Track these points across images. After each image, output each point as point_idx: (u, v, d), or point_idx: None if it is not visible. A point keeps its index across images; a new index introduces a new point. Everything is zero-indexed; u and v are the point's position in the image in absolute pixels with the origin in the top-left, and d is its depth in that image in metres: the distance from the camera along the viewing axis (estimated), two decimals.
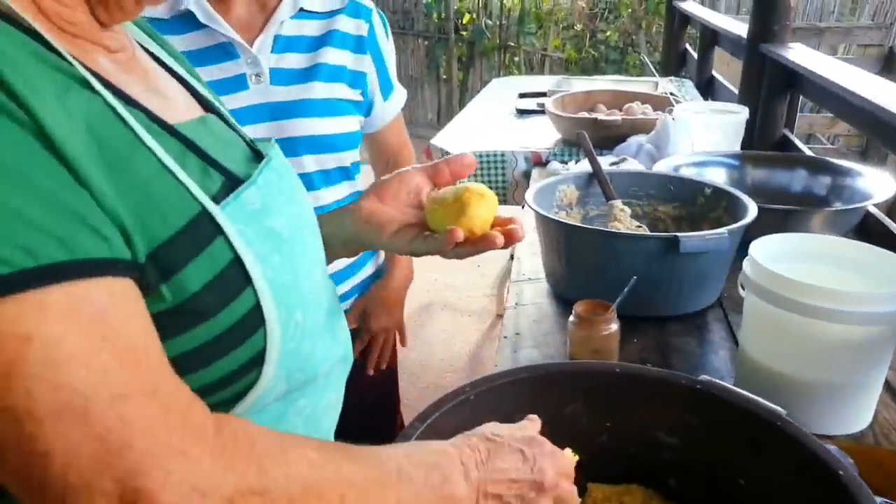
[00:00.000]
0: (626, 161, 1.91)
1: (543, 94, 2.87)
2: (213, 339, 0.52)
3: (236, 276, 0.53)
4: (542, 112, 2.46)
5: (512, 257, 1.67)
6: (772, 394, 0.81)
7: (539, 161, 2.27)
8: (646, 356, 1.16)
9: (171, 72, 0.66)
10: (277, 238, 0.58)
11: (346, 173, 1.26)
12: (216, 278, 0.52)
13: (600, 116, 2.15)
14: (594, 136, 2.10)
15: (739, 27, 2.72)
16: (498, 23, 6.76)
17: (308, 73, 1.15)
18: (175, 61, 0.68)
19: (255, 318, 0.54)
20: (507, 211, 1.32)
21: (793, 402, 0.87)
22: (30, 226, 0.40)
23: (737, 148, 1.92)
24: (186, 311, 0.50)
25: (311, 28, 1.18)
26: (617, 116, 2.14)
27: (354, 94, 1.21)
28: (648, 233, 1.37)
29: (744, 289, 0.99)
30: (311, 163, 1.17)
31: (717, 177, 1.66)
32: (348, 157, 1.22)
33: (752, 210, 1.26)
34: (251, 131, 1.10)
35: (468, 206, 0.69)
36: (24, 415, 0.38)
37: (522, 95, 3.03)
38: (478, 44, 6.78)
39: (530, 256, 1.54)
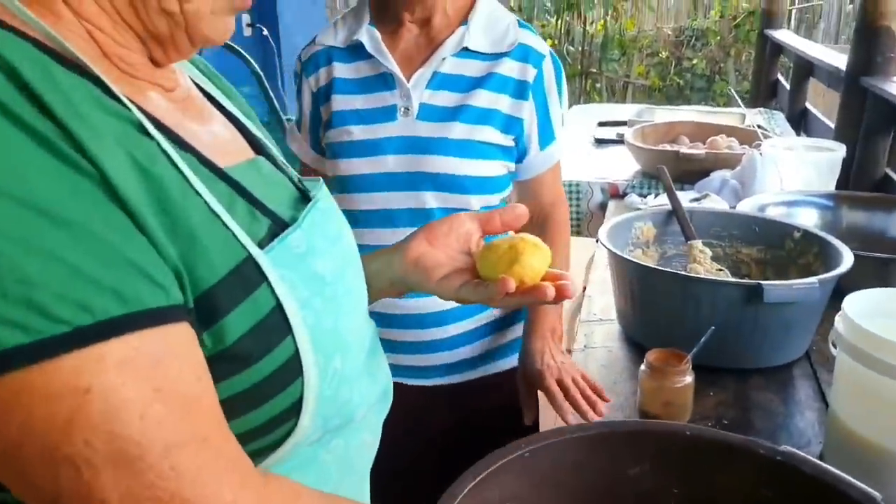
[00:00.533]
0: (708, 197, 1.82)
1: (623, 124, 2.80)
2: (252, 387, 0.51)
3: (277, 323, 0.52)
4: (622, 142, 2.39)
5: (584, 289, 1.60)
6: (866, 470, 0.73)
7: (616, 193, 2.20)
8: (722, 412, 1.08)
9: (223, 111, 0.66)
10: (321, 281, 0.57)
11: None
12: (257, 325, 0.51)
13: (682, 149, 2.06)
14: (675, 169, 2.02)
15: (837, 58, 2.57)
16: (580, 49, 6.70)
17: (453, 113, 1.14)
18: (229, 100, 0.67)
19: (293, 366, 0.53)
20: (580, 244, 1.28)
21: (891, 482, 0.78)
22: (87, 281, 0.41)
23: (831, 188, 1.80)
24: (225, 358, 0.49)
25: (472, 68, 1.16)
26: (700, 150, 2.05)
27: (505, 139, 1.17)
28: (729, 278, 1.28)
29: (835, 346, 0.91)
30: (432, 200, 1.15)
31: (808, 219, 1.55)
32: (477, 202, 1.17)
33: (847, 258, 1.16)
34: (391, 162, 1.15)
35: (522, 255, 0.67)
36: (83, 463, 0.40)
37: (602, 124, 2.96)
38: None
39: (602, 295, 1.48)
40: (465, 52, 1.15)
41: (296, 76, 1.27)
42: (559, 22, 6.51)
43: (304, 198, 0.65)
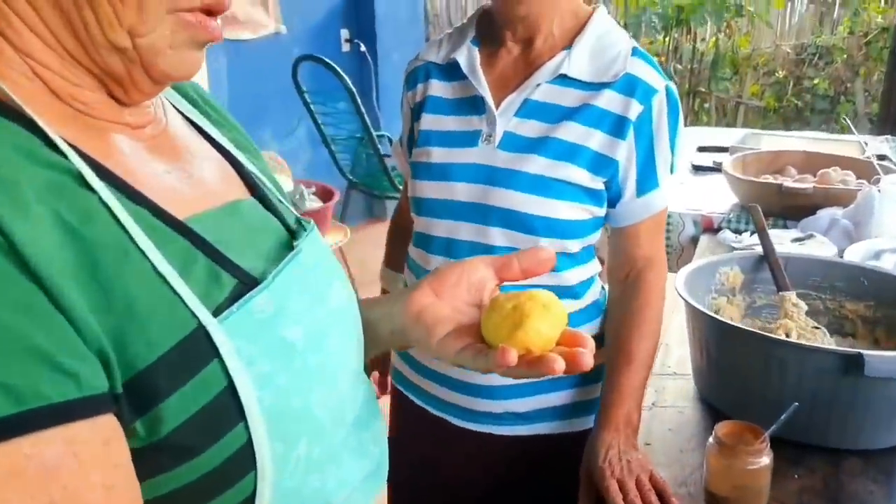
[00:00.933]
0: (813, 238, 1.62)
1: (725, 150, 2.59)
2: (195, 482, 0.45)
3: (227, 406, 0.45)
4: (720, 170, 2.20)
5: None
6: None
7: (710, 227, 2.01)
8: (808, 500, 0.92)
9: (214, 143, 0.59)
10: (289, 351, 0.50)
11: None
12: (203, 410, 0.44)
13: (786, 183, 1.86)
14: (777, 204, 1.83)
15: None
16: (689, 67, 6.39)
17: (535, 145, 1.04)
18: (223, 131, 0.61)
19: (245, 457, 0.45)
20: (668, 281, 1.13)
21: None
22: None
23: None
24: (162, 449, 0.44)
25: (568, 97, 1.05)
26: (807, 184, 1.84)
27: (592, 181, 1.05)
28: (822, 344, 1.10)
29: None
30: (499, 236, 1.06)
31: None
32: (548, 245, 1.06)
33: None
34: (465, 190, 1.07)
35: (527, 319, 0.55)
36: None
37: (702, 149, 2.76)
38: None
39: (680, 345, 1.32)
40: (563, 78, 1.05)
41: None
42: (667, 39, 6.24)
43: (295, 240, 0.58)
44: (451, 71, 1.12)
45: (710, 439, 0.90)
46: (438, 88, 1.13)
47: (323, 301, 0.56)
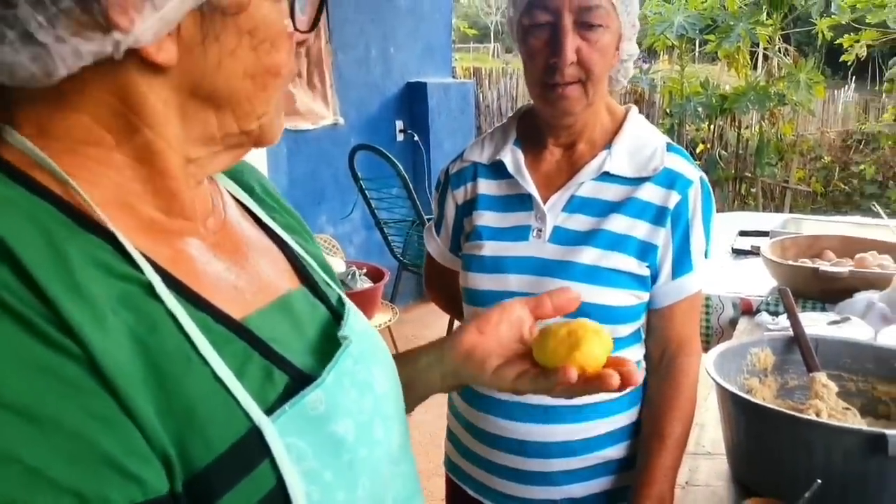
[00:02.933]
0: (849, 321, 1.65)
1: (766, 234, 2.64)
2: None
3: (277, 502, 0.48)
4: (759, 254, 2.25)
5: None
6: None
7: (749, 309, 2.05)
8: None
9: (266, 228, 0.66)
10: (338, 446, 0.53)
11: None
12: None
13: (822, 267, 1.90)
14: (815, 288, 1.87)
15: None
16: (735, 152, 6.48)
17: (585, 237, 1.12)
18: (275, 216, 0.68)
19: None
20: (704, 358, 1.17)
21: None
22: (45, 483, 0.38)
23: None
24: None
25: (612, 192, 1.14)
26: (843, 268, 1.88)
27: (639, 267, 1.13)
28: (844, 423, 1.14)
29: None
30: None
31: None
32: (615, 331, 1.14)
33: None
34: (514, 281, 1.14)
35: (582, 342, 0.63)
36: None
37: (743, 233, 2.81)
38: (711, 173, 6.54)
39: (716, 426, 1.36)
40: (606, 175, 1.13)
41: (438, 184, 1.31)
42: (711, 126, 6.36)
43: (338, 323, 0.63)
44: (497, 170, 1.19)
45: None
46: (487, 187, 1.20)
47: (370, 389, 0.60)
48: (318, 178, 4.14)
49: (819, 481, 0.91)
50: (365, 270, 3.14)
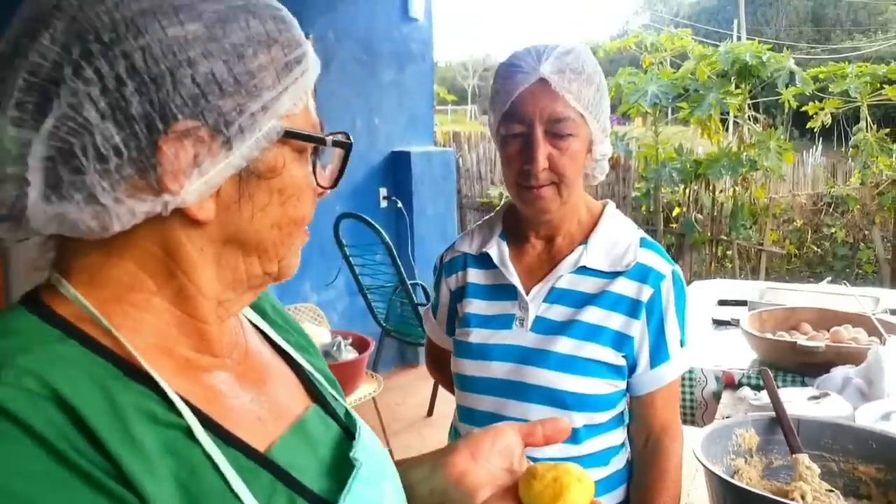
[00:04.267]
0: (828, 397, 1.71)
1: (745, 303, 2.72)
2: None
3: None
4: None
5: None
6: None
7: (731, 382, 2.10)
8: None
9: (278, 348, 0.71)
10: None
11: (575, 434, 1.21)
12: None
13: (800, 341, 1.96)
14: (793, 361, 1.93)
15: None
16: (710, 216, 6.65)
17: (561, 327, 1.18)
18: (286, 336, 0.73)
19: None
20: (692, 434, 1.21)
21: None
22: None
23: None
24: None
25: (588, 285, 1.21)
26: (820, 343, 1.94)
27: (615, 357, 1.19)
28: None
29: None
30: (538, 412, 1.18)
31: None
32: (580, 419, 1.19)
33: None
34: (499, 367, 1.20)
35: (566, 490, 0.67)
36: None
37: (722, 302, 2.88)
38: (688, 236, 6.69)
39: (705, 502, 1.39)
40: (583, 269, 1.21)
41: (435, 269, 1.39)
42: (687, 190, 6.55)
43: (349, 436, 0.67)
44: (484, 260, 1.27)
45: None
46: (476, 276, 1.28)
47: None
48: (303, 248, 4.18)
49: None
50: (350, 340, 3.16)
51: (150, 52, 0.49)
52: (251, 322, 0.71)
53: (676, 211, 6.88)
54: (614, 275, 1.20)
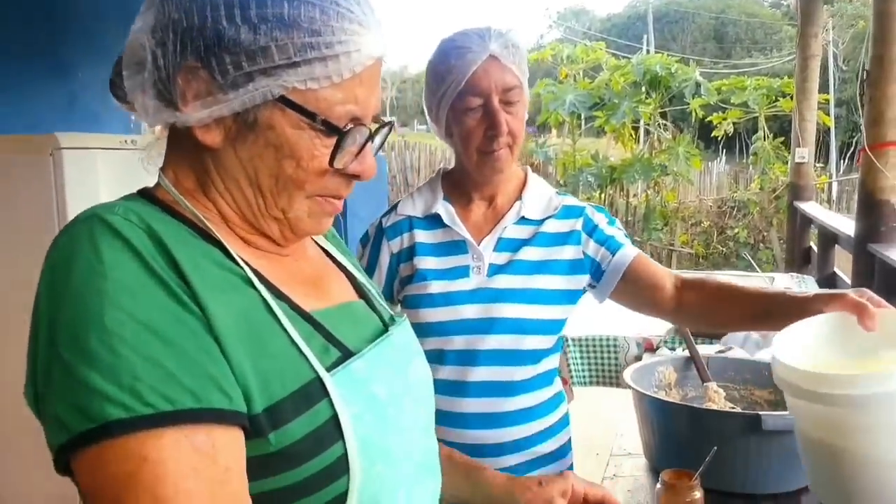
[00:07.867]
0: (731, 350, 2.01)
1: None
2: (303, 481, 0.64)
3: (331, 431, 0.65)
4: None
5: None
6: None
7: (651, 347, 2.39)
8: None
9: (337, 262, 0.87)
10: (375, 400, 0.70)
11: (536, 355, 1.42)
12: (315, 431, 0.64)
13: None
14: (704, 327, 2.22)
15: (852, 227, 2.81)
16: (624, 219, 7.10)
17: (512, 267, 1.40)
18: (343, 255, 0.90)
19: (341, 466, 0.66)
20: (617, 394, 1.44)
21: None
22: (175, 382, 0.57)
23: None
24: (285, 455, 0.63)
25: (527, 231, 1.43)
26: None
27: (568, 283, 1.41)
28: (732, 409, 1.45)
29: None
30: (508, 341, 1.38)
31: None
32: (535, 342, 1.39)
33: None
34: (469, 310, 1.38)
35: None
36: None
37: None
38: None
39: (635, 433, 1.64)
40: (523, 219, 1.43)
41: (366, 237, 1.50)
42: (602, 196, 6.97)
43: (387, 331, 0.81)
44: (432, 221, 1.45)
45: (658, 483, 1.21)
46: (424, 236, 1.45)
47: (403, 373, 0.77)
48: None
49: (715, 448, 1.19)
50: None
51: (187, 7, 0.65)
52: (313, 239, 0.86)
53: None
54: (545, 219, 1.44)
